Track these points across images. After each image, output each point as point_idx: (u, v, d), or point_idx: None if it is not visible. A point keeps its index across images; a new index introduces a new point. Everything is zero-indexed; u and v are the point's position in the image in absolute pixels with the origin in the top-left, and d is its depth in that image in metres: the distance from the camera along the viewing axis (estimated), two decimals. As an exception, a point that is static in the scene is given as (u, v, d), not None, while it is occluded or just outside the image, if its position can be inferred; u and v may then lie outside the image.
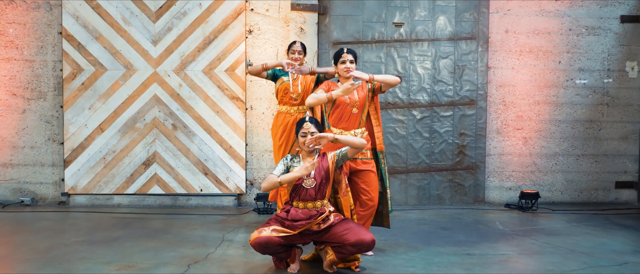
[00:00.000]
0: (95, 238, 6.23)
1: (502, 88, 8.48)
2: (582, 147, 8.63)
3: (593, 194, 8.67)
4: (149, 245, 5.90)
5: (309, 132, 4.96)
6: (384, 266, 5.18)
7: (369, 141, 5.56)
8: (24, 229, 6.61)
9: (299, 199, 4.98)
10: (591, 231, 6.75)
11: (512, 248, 5.90)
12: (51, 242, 6.00)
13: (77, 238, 6.19)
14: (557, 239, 6.33)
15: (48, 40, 8.15)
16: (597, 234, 6.59)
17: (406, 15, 8.31)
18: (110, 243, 5.99)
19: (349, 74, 5.37)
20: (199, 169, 8.18)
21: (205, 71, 8.11)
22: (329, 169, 5.01)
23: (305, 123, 4.99)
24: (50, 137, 8.24)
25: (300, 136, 4.99)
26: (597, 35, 8.53)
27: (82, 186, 8.15)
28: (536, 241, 6.21)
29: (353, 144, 4.95)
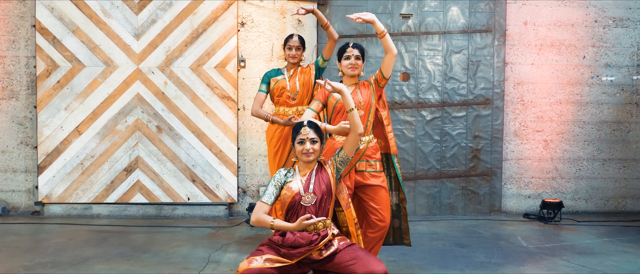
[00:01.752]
0: (63, 258, 5.53)
1: (520, 86, 7.87)
2: (608, 151, 8.01)
3: (621, 202, 8.04)
4: (122, 268, 5.20)
5: (309, 139, 4.09)
6: None
7: (378, 149, 4.85)
8: (-16, 247, 5.91)
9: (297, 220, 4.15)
10: (629, 249, 6.02)
11: (543, 272, 5.12)
12: (12, 263, 5.32)
13: (43, 259, 5.50)
14: (593, 260, 5.59)
15: (20, 34, 7.56)
16: (638, 254, 5.86)
17: (415, 5, 7.68)
18: (77, 265, 5.29)
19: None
20: (186, 175, 7.59)
21: (193, 68, 7.53)
22: (330, 181, 4.15)
23: (304, 128, 4.10)
24: (23, 141, 7.63)
25: (297, 144, 4.12)
26: (625, 28, 7.93)
27: (57, 194, 7.54)
28: (570, 263, 5.47)
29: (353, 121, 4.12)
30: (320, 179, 4.11)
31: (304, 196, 4.02)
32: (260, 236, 6.51)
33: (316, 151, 4.06)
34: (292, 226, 3.88)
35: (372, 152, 4.76)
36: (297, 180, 4.08)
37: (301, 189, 4.03)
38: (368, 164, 4.74)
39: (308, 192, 4.03)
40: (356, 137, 4.12)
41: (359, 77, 4.87)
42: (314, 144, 4.06)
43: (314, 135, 4.06)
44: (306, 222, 3.85)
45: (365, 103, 4.76)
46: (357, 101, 4.69)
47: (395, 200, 5.03)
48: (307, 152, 4.05)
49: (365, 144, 4.74)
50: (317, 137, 4.09)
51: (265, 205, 4.00)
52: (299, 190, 4.01)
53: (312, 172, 4.10)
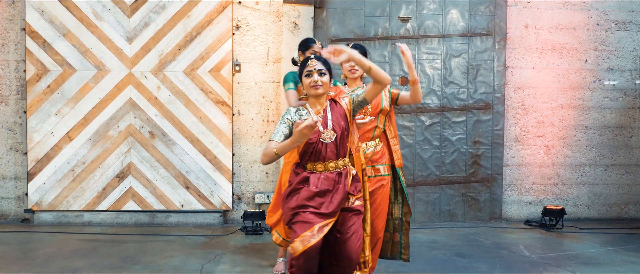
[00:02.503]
0: (50, 269, 5.34)
1: (521, 90, 7.72)
2: (611, 156, 7.87)
3: (623, 209, 7.90)
4: None
5: (316, 71, 3.82)
6: None
7: (384, 154, 4.74)
8: (-30, 258, 5.69)
9: (317, 160, 3.85)
10: (635, 259, 5.83)
11: None
12: None
13: (29, 270, 5.30)
14: (598, 271, 5.41)
15: (10, 38, 7.39)
16: (642, 263, 5.65)
17: (413, 8, 7.50)
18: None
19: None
20: (179, 182, 7.42)
21: (186, 72, 7.37)
22: (346, 116, 3.91)
23: (311, 60, 3.87)
24: (12, 147, 7.47)
25: (304, 77, 3.86)
26: (628, 31, 7.79)
27: (47, 201, 7.36)
28: (574, 275, 5.25)
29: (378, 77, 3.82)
30: (337, 115, 3.89)
31: (324, 133, 3.79)
32: (255, 245, 6.32)
33: (325, 83, 3.81)
34: (293, 139, 3.54)
35: (379, 156, 4.67)
36: (312, 117, 3.82)
37: (319, 125, 3.79)
38: (373, 169, 4.63)
39: (327, 129, 3.80)
40: (380, 87, 3.85)
41: (363, 79, 4.72)
42: (322, 76, 3.81)
43: (322, 66, 3.82)
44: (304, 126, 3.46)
45: (374, 107, 4.62)
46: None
47: (398, 213, 4.85)
48: (315, 85, 3.79)
49: (372, 149, 4.64)
50: (325, 69, 3.85)
51: (273, 143, 3.72)
52: (317, 127, 3.77)
53: (327, 108, 3.88)
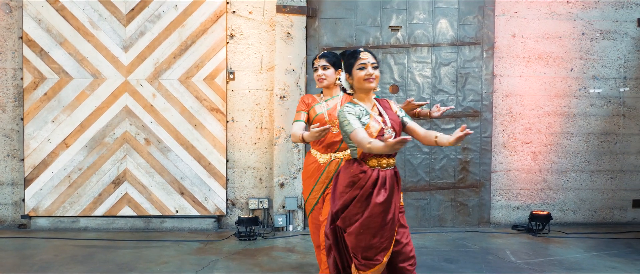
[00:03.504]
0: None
1: (508, 98, 7.76)
2: (596, 162, 7.92)
3: (608, 213, 7.95)
4: None
5: (370, 64, 3.73)
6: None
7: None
8: (-32, 265, 5.70)
9: (381, 155, 3.74)
10: (617, 265, 5.89)
11: None
12: None
13: None
14: (581, 276, 5.44)
15: (7, 46, 7.40)
16: (625, 269, 5.73)
17: (404, 18, 7.53)
18: None
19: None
20: (174, 188, 7.44)
21: (181, 80, 7.38)
22: (398, 120, 3.89)
23: (363, 52, 3.78)
24: (10, 153, 7.47)
25: (357, 70, 3.75)
26: (612, 40, 7.84)
27: (44, 207, 7.37)
28: (558, 280, 5.32)
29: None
30: (392, 114, 3.87)
31: (386, 130, 3.74)
32: (249, 250, 6.36)
33: (377, 77, 3.77)
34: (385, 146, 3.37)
35: None
36: (373, 116, 3.77)
37: (383, 124, 3.76)
38: None
39: (388, 127, 3.76)
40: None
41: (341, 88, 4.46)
42: (376, 70, 3.77)
43: (374, 60, 3.80)
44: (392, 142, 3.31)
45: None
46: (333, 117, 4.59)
47: None
48: (369, 78, 3.72)
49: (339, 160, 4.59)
50: (377, 62, 3.83)
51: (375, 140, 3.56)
52: (381, 126, 3.74)
53: (379, 108, 3.86)
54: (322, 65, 4.54)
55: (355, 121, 3.65)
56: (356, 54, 3.76)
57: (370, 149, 3.50)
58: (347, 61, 3.82)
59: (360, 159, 3.77)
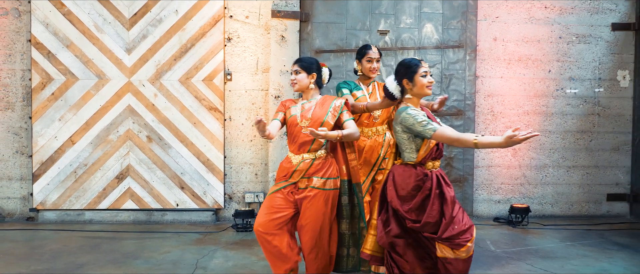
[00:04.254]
0: (58, 264, 5.53)
1: (490, 98, 7.93)
2: (572, 158, 8.09)
3: (584, 207, 8.13)
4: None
5: (429, 72, 3.96)
6: None
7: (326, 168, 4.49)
8: (-18, 254, 5.88)
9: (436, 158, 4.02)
10: (589, 253, 6.11)
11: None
12: (9, 271, 5.30)
13: (38, 265, 5.50)
14: (555, 264, 5.69)
15: (16, 48, 7.51)
16: (596, 257, 5.95)
17: (391, 22, 7.71)
18: (73, 271, 5.32)
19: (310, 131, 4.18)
20: (175, 183, 7.58)
21: (181, 81, 7.51)
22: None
23: (422, 62, 3.99)
24: (18, 150, 7.59)
25: (420, 78, 3.91)
26: (588, 44, 8.01)
27: (51, 201, 7.51)
28: (532, 267, 5.57)
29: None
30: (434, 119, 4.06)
31: None
32: (245, 241, 6.56)
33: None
34: (501, 143, 3.60)
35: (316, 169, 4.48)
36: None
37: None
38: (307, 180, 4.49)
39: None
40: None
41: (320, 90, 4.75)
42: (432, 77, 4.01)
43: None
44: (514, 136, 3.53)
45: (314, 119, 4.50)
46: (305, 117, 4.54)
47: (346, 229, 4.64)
48: (430, 85, 3.94)
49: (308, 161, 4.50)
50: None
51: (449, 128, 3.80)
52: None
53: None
54: (295, 70, 4.52)
55: (429, 121, 3.78)
56: (418, 63, 3.94)
57: (477, 143, 3.63)
58: (409, 69, 3.93)
59: (418, 163, 3.93)
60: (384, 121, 5.14)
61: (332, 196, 4.47)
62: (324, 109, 4.48)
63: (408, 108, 3.88)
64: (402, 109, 3.89)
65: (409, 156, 3.93)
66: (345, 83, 5.08)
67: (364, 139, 5.07)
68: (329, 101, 4.54)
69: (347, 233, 4.63)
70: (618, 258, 5.95)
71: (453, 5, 7.70)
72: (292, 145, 4.55)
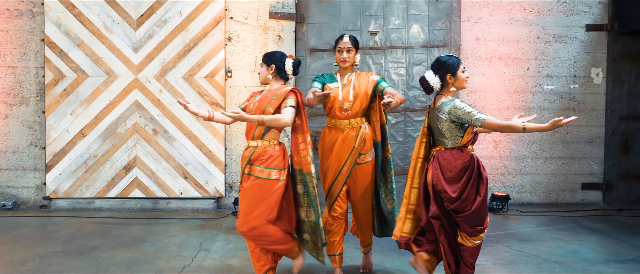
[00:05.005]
0: (72, 247, 5.76)
1: (473, 94, 8.14)
2: (549, 150, 8.32)
3: (560, 195, 8.37)
4: (125, 256, 5.45)
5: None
6: None
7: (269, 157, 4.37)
8: (2, 239, 6.11)
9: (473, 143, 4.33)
10: (562, 237, 6.38)
11: (486, 258, 5.48)
12: (28, 253, 5.53)
13: (54, 248, 5.73)
14: (530, 246, 5.96)
15: (30, 47, 7.69)
16: (568, 240, 6.22)
17: (381, 23, 7.92)
18: (86, 253, 5.53)
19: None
20: (179, 173, 7.77)
21: (185, 78, 7.69)
22: None
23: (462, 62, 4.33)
24: (33, 142, 7.77)
25: (461, 73, 4.25)
26: (563, 43, 8.24)
27: (63, 190, 7.70)
28: (509, 249, 5.83)
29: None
30: None
31: None
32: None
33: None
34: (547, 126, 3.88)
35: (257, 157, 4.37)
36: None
37: None
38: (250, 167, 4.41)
39: None
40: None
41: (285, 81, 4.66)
42: None
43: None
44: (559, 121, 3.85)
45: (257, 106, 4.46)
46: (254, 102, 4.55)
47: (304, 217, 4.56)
48: (467, 79, 4.31)
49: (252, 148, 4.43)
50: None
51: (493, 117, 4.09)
52: None
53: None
54: (260, 63, 4.58)
55: (477, 111, 4.09)
56: (460, 61, 4.27)
57: (526, 128, 3.91)
58: (452, 65, 4.21)
59: (462, 146, 4.20)
60: (359, 114, 4.73)
61: (272, 187, 4.33)
62: (268, 98, 4.41)
63: (455, 100, 4.17)
64: (449, 100, 4.17)
65: (453, 142, 4.20)
66: (320, 76, 4.90)
67: (337, 132, 4.75)
68: (278, 90, 4.43)
69: (306, 220, 4.52)
70: (588, 240, 6.23)
71: (438, 7, 7.92)
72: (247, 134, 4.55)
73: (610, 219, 7.40)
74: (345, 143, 4.71)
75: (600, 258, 5.52)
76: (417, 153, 4.44)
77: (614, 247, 5.99)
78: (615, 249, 5.89)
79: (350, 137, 4.71)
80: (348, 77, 4.82)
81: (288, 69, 4.55)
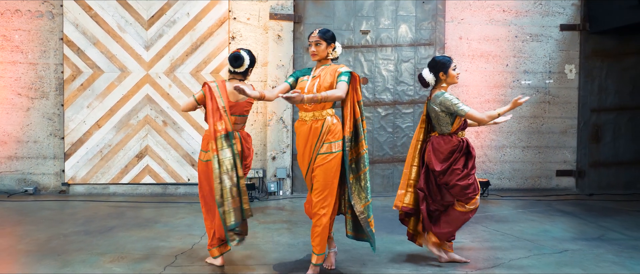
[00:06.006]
0: (92, 228, 6.02)
1: (457, 88, 8.38)
2: (527, 140, 8.59)
3: (536, 181, 8.63)
4: (140, 235, 5.71)
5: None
6: (352, 255, 5.04)
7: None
8: (27, 220, 6.37)
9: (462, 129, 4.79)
10: (535, 218, 6.68)
11: (465, 236, 5.78)
12: (51, 232, 5.78)
13: (75, 228, 5.98)
14: (505, 226, 6.25)
15: (50, 46, 7.91)
16: (541, 221, 6.51)
17: (372, 23, 8.16)
18: (105, 233, 5.79)
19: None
20: (186, 161, 8.00)
21: (192, 73, 7.92)
22: None
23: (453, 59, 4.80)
24: (52, 133, 8.00)
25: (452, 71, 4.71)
26: (539, 42, 8.48)
27: (80, 176, 7.94)
28: (487, 229, 6.12)
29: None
30: None
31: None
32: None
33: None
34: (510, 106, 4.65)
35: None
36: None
37: None
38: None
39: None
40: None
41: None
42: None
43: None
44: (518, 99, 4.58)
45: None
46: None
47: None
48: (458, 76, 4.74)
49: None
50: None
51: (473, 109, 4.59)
52: None
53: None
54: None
55: (462, 102, 4.56)
56: (451, 60, 4.71)
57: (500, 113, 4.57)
58: (444, 64, 4.68)
59: (452, 133, 4.66)
60: (323, 107, 4.38)
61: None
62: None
63: (445, 93, 4.62)
64: (441, 93, 4.62)
65: (445, 128, 4.67)
66: (299, 70, 4.66)
67: (303, 123, 4.46)
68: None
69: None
70: (559, 221, 6.53)
71: (424, 8, 8.18)
72: None
73: (581, 203, 7.68)
74: (311, 135, 4.40)
75: (568, 237, 5.80)
76: (417, 137, 4.92)
77: (581, 227, 6.28)
78: (583, 229, 6.18)
79: (314, 129, 4.38)
80: (319, 70, 4.48)
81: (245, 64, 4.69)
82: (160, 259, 4.85)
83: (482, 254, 5.11)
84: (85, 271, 4.48)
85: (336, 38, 4.53)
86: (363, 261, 4.89)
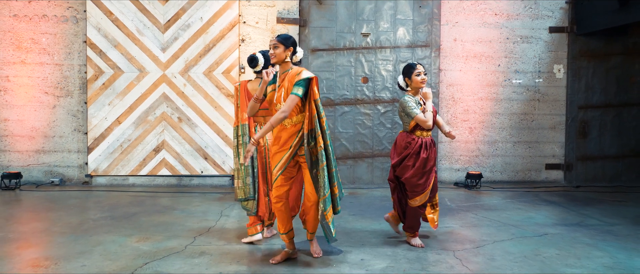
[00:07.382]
0: (116, 213, 6.49)
1: (451, 87, 8.70)
2: (517, 135, 8.88)
3: (527, 174, 8.94)
4: (161, 220, 6.17)
5: (423, 72, 4.99)
6: (349, 238, 5.49)
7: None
8: (56, 207, 6.84)
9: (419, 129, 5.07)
10: (522, 207, 7.08)
11: (455, 222, 6.21)
12: (81, 217, 6.25)
13: (102, 214, 6.45)
14: (493, 213, 6.67)
15: (74, 48, 8.30)
16: (527, 209, 6.92)
17: (372, 26, 8.51)
18: (129, 218, 6.26)
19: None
20: (200, 154, 8.36)
21: (205, 73, 8.27)
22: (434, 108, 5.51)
23: (418, 65, 5.02)
24: (76, 128, 8.40)
25: (415, 76, 4.99)
26: (529, 43, 8.78)
27: (102, 168, 8.34)
28: (476, 216, 6.55)
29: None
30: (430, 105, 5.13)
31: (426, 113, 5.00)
32: (257, 198, 7.53)
33: (425, 79, 5.06)
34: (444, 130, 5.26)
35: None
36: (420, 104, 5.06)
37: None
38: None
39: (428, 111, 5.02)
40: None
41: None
42: (426, 76, 5.07)
43: (424, 69, 5.09)
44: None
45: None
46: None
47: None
48: (423, 81, 5.01)
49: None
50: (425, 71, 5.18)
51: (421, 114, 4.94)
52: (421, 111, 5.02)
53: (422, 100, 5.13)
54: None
55: (416, 107, 4.93)
56: (414, 66, 5.03)
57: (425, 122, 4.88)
58: (408, 70, 5.06)
59: (410, 131, 5.07)
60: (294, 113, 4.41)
61: None
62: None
63: (405, 96, 5.04)
64: (403, 96, 5.05)
65: (405, 127, 5.11)
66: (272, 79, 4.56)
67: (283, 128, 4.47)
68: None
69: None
70: (543, 209, 6.94)
71: (421, 12, 8.54)
72: None
73: (567, 194, 8.06)
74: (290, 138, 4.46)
75: (549, 222, 6.21)
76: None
77: (563, 214, 6.68)
78: (564, 216, 6.58)
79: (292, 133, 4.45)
80: (283, 77, 4.47)
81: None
82: (181, 239, 5.33)
83: (469, 237, 5.54)
84: (116, 249, 4.99)
85: (298, 44, 4.63)
86: (362, 242, 5.37)
